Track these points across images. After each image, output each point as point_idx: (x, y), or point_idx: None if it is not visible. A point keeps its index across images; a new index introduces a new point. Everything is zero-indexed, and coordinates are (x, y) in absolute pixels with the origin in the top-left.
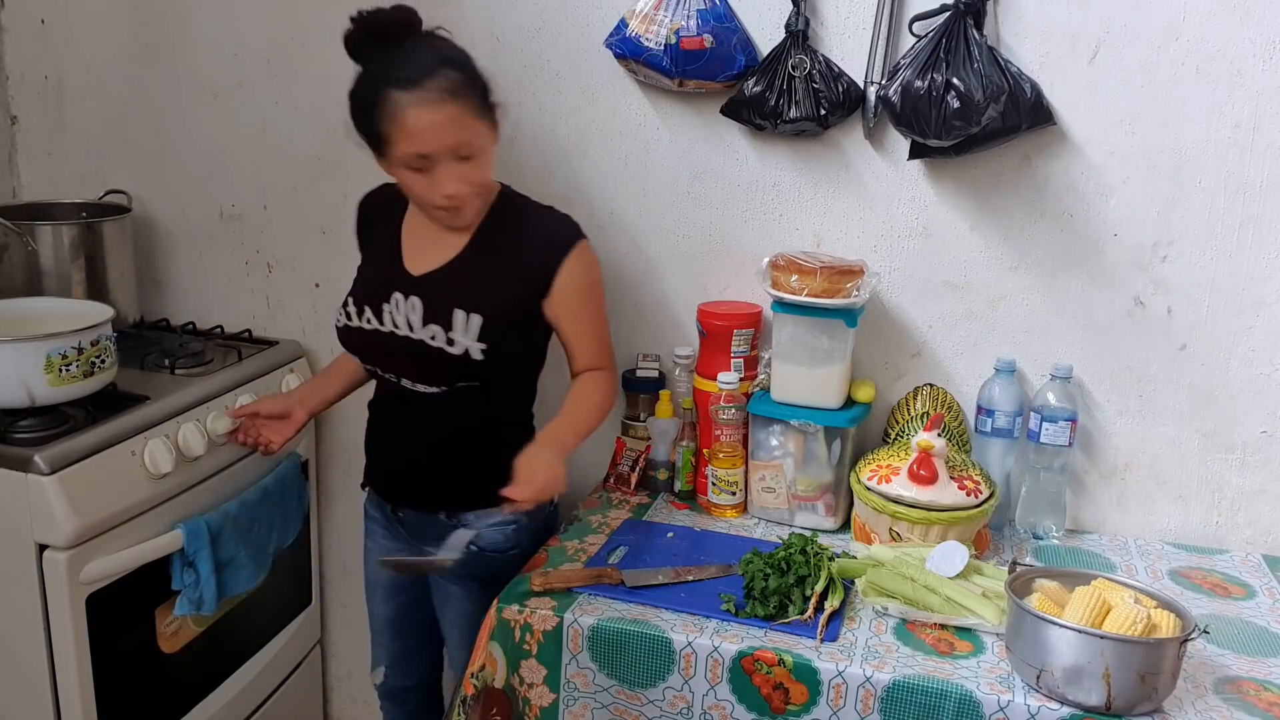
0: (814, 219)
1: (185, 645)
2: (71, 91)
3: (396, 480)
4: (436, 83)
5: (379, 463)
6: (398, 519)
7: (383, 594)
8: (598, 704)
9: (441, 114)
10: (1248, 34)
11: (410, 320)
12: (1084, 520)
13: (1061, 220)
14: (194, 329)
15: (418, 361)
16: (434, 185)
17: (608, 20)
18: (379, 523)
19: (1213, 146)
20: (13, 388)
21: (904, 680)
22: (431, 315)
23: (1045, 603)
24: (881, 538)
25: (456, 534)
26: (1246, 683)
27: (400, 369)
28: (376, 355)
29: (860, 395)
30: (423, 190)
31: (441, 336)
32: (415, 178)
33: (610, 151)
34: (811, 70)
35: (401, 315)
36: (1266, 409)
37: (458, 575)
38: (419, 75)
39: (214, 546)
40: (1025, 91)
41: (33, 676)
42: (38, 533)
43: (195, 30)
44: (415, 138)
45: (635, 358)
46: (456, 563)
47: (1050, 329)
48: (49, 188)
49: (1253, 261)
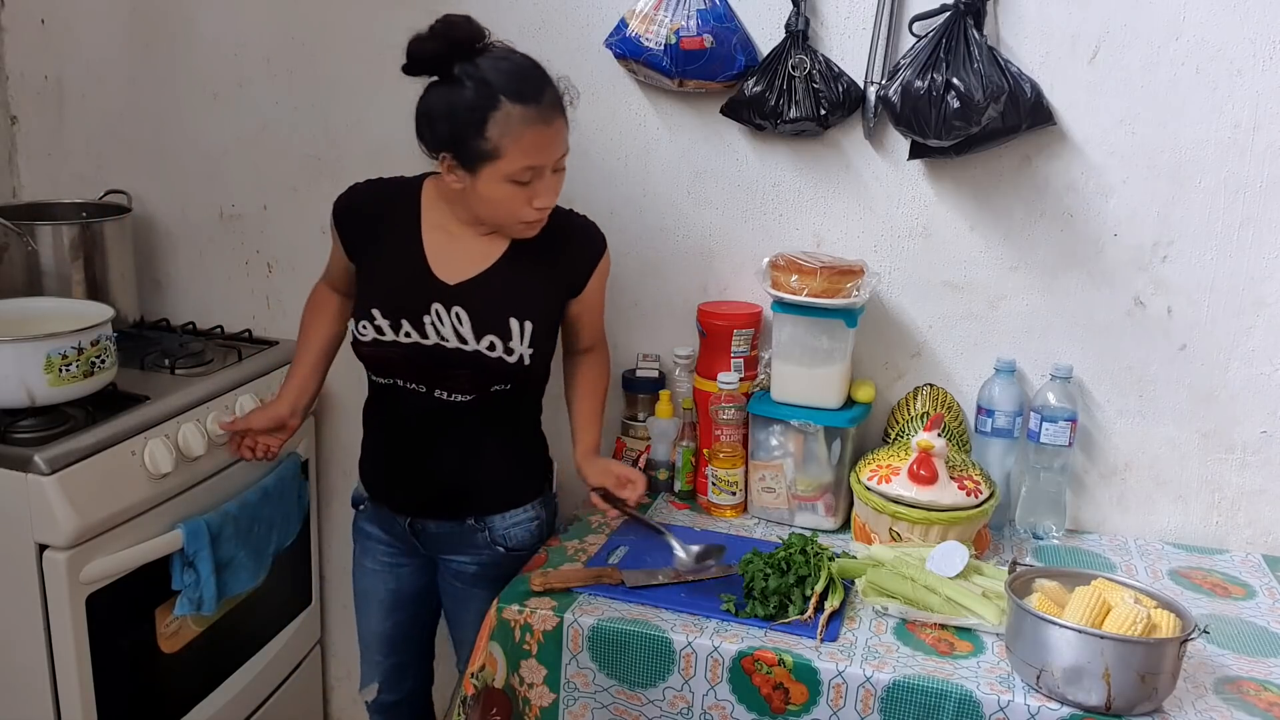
0: (814, 219)
1: (185, 645)
2: (71, 91)
3: (419, 492)
4: (549, 96)
5: (394, 478)
6: (413, 533)
7: (380, 612)
8: (598, 704)
9: (554, 127)
10: (1248, 34)
11: (459, 332)
12: (1084, 520)
13: (1061, 220)
14: (194, 329)
15: (469, 372)
16: (532, 198)
17: (608, 20)
18: (380, 540)
19: (1213, 146)
20: (13, 388)
21: (904, 680)
22: (485, 326)
23: (1045, 603)
24: (881, 538)
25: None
26: (1246, 683)
27: (439, 381)
28: (413, 369)
29: (860, 395)
30: (518, 204)
31: (500, 346)
32: (515, 192)
33: (610, 151)
34: (811, 70)
35: (447, 327)
36: (1266, 409)
37: (486, 577)
38: (536, 89)
39: (214, 546)
40: (1025, 91)
41: (33, 676)
42: (38, 533)
43: (195, 30)
44: (535, 151)
45: (635, 358)
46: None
47: (1050, 329)
48: (49, 188)
49: (1253, 261)
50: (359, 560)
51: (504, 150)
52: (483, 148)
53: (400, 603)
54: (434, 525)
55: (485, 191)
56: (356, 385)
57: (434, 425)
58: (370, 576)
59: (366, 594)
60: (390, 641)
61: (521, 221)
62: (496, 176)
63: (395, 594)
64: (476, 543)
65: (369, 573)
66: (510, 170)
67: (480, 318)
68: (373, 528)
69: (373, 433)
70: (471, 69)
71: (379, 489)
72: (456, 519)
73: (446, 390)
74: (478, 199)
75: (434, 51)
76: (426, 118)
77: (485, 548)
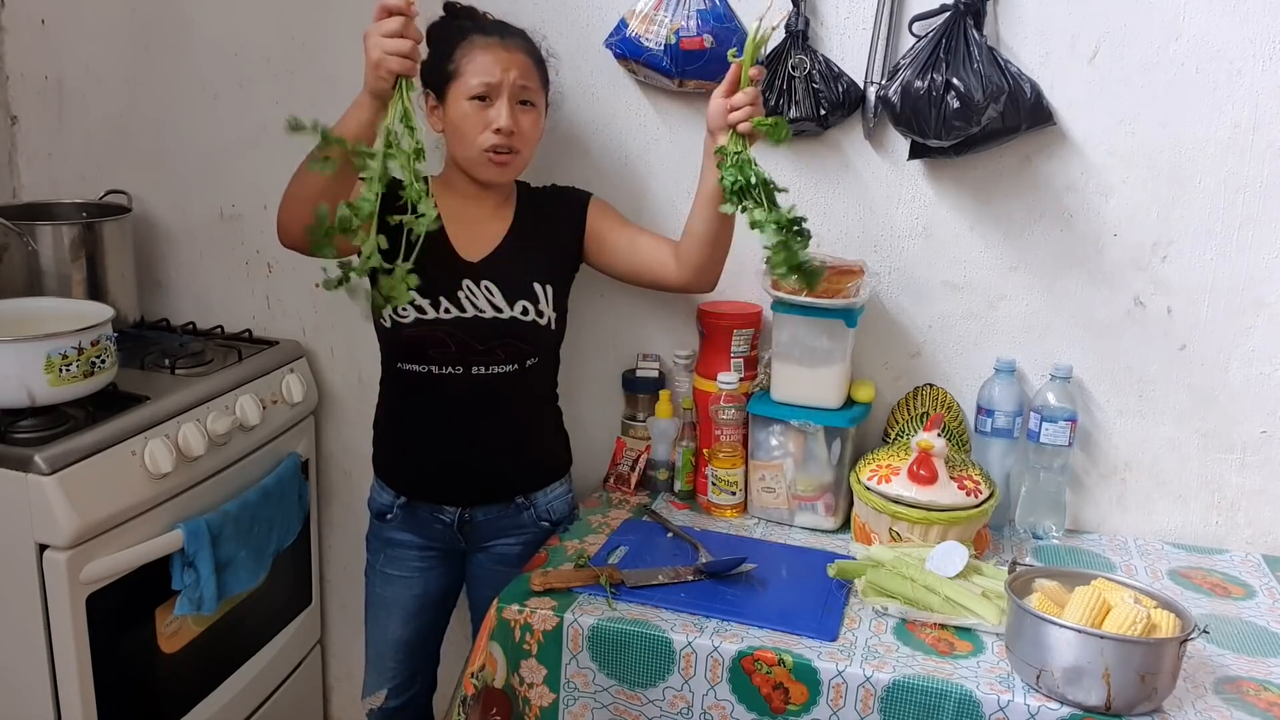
0: (814, 219)
1: (185, 645)
2: (71, 91)
3: (472, 479)
4: (514, 34)
5: (444, 472)
6: (463, 524)
7: (401, 618)
8: (598, 704)
9: (512, 54)
10: (1248, 34)
11: (493, 302)
12: (1084, 520)
13: (1061, 220)
14: (194, 329)
15: (508, 341)
16: (490, 122)
17: (608, 20)
18: (413, 545)
19: (1213, 146)
20: (13, 388)
21: (904, 680)
22: (514, 292)
23: (1045, 603)
24: (881, 538)
25: None
26: (1246, 683)
27: (479, 356)
28: (455, 344)
29: (860, 395)
30: (478, 127)
31: (532, 310)
32: (474, 111)
33: (610, 151)
34: (811, 70)
35: (480, 299)
36: (1266, 409)
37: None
38: (501, 27)
39: (214, 546)
40: (1025, 91)
41: (33, 676)
42: (38, 533)
43: (195, 30)
44: (489, 68)
45: (635, 358)
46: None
47: (1050, 329)
48: (49, 188)
49: (1253, 261)
50: (379, 569)
51: (462, 69)
52: (447, 68)
53: (425, 607)
54: (482, 513)
55: (452, 115)
56: (357, 386)
57: (476, 408)
58: (394, 584)
59: (387, 602)
60: (408, 648)
61: (485, 150)
62: (458, 96)
63: (421, 599)
64: (522, 522)
65: (392, 580)
66: (468, 87)
67: (508, 286)
68: (404, 534)
69: (407, 433)
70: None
71: (424, 488)
72: (507, 500)
73: (485, 364)
74: (450, 132)
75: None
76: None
77: (530, 526)
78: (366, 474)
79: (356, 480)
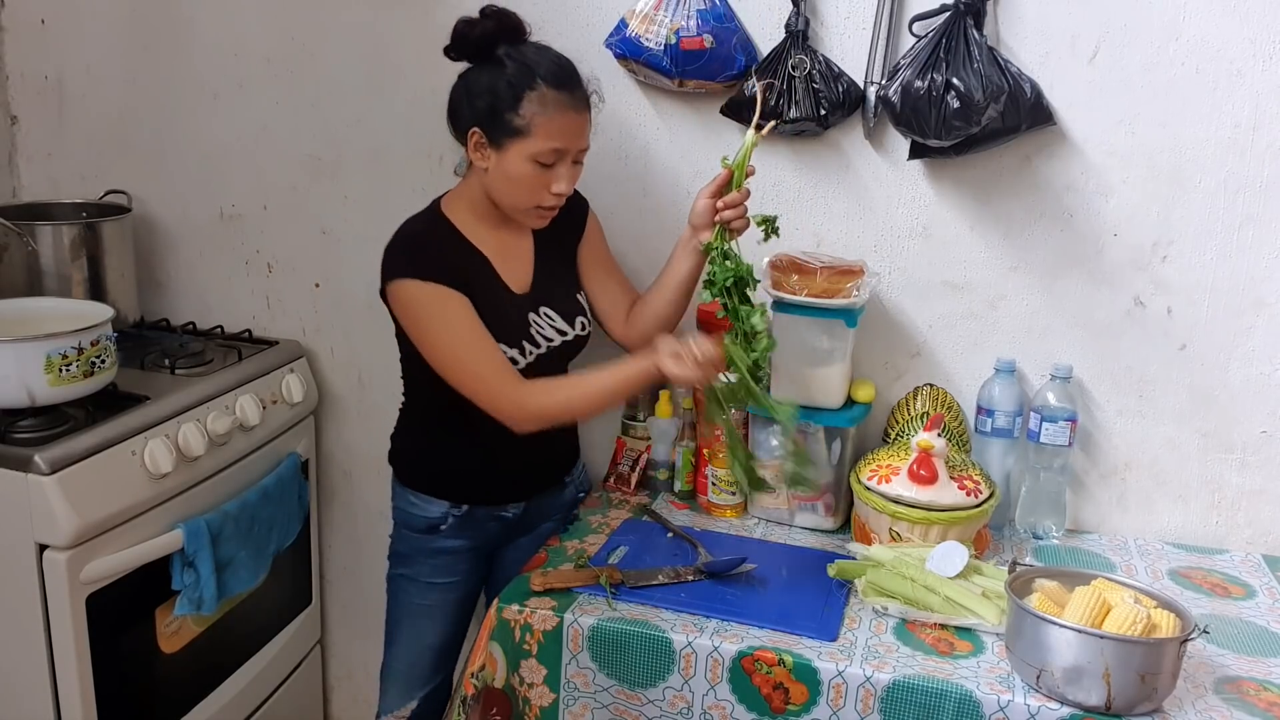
0: (814, 219)
1: (185, 645)
2: (71, 91)
3: (539, 472)
4: (584, 90)
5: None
6: (526, 513)
7: (444, 623)
8: (598, 704)
9: (582, 118)
10: (1248, 34)
11: (556, 326)
12: (1084, 520)
13: (1061, 220)
14: (194, 329)
15: (576, 353)
16: (550, 183)
17: (608, 20)
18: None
19: (1212, 146)
20: (13, 388)
21: (904, 680)
22: (569, 313)
23: (1045, 603)
24: (881, 538)
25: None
26: (1246, 683)
27: (561, 368)
28: (555, 368)
29: (860, 395)
30: (537, 188)
31: (585, 322)
32: (536, 174)
33: (610, 151)
34: (811, 70)
35: (547, 329)
36: (1266, 409)
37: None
38: (572, 79)
39: (214, 546)
40: (1025, 91)
41: (33, 676)
42: (38, 533)
43: (195, 30)
44: (562, 135)
45: None
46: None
47: (1050, 329)
48: (49, 188)
49: (1253, 261)
50: (422, 580)
51: (534, 128)
52: (515, 123)
53: (462, 605)
54: (541, 499)
55: (510, 169)
56: (357, 386)
57: None
58: (438, 591)
59: (430, 610)
60: (447, 651)
61: (538, 206)
62: (523, 155)
63: (463, 601)
64: (564, 498)
65: (437, 588)
66: (536, 149)
67: (562, 308)
68: (456, 540)
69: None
70: (515, 52)
71: (494, 493)
72: (558, 484)
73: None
74: (500, 178)
75: (484, 32)
76: (465, 93)
77: (570, 500)
78: (366, 474)
79: (356, 480)
